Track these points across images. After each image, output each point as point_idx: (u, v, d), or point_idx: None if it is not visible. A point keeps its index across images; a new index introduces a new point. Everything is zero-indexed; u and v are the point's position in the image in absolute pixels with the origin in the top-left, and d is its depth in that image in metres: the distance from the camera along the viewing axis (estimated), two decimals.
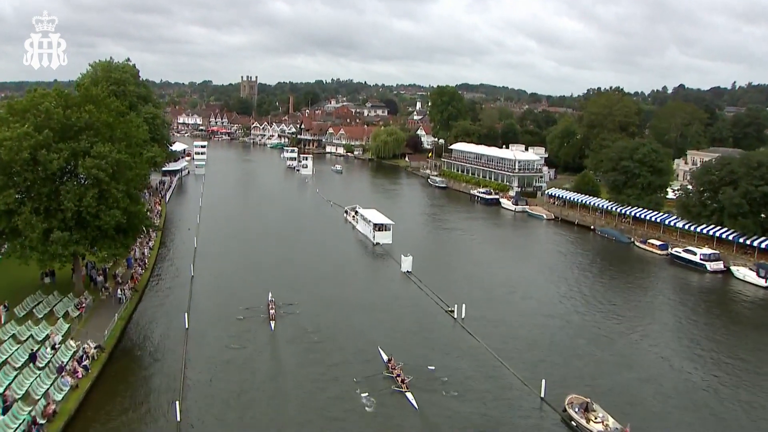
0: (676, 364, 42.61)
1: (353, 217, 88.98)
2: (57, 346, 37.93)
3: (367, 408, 35.20)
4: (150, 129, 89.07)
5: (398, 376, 37.96)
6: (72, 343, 38.43)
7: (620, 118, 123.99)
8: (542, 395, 36.84)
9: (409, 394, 36.44)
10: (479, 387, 38.20)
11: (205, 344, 42.56)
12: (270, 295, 51.90)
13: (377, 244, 75.14)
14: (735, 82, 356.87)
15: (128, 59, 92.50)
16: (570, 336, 47.03)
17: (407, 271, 62.56)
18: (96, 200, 42.79)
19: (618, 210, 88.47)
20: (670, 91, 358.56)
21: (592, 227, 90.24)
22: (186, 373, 37.63)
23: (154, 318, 47.33)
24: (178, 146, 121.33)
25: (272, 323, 46.75)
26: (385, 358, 41.06)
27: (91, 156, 42.75)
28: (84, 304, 45.00)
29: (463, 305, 49.69)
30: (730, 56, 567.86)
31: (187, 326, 44.75)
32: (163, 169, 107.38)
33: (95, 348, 37.98)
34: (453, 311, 50.51)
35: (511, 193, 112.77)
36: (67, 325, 41.73)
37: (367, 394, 36.31)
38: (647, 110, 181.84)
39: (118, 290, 47.82)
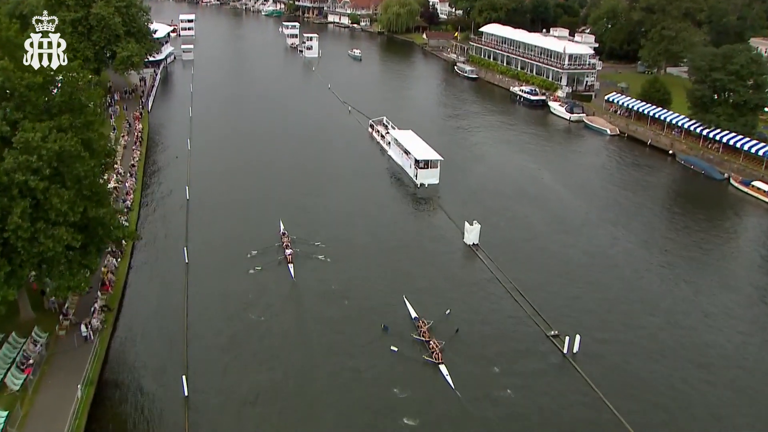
0: None
1: (382, 136, 72.17)
2: None
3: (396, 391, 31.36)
4: (124, 21, 70.38)
5: (429, 341, 34.50)
6: None
7: (688, 3, 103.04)
8: None
9: (443, 367, 32.84)
10: None
11: None
12: (281, 226, 46.97)
13: (421, 185, 59.32)
14: None
15: None
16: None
17: (473, 244, 47.47)
18: (29, 217, 26.64)
19: (703, 132, 71.81)
20: None
21: (670, 152, 74.00)
22: None
23: (135, 377, 31.95)
24: (160, 31, 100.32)
25: (291, 267, 41.97)
26: (414, 315, 37.28)
27: (14, 148, 25.98)
28: (31, 359, 30.09)
29: (577, 336, 35.09)
30: None
31: (186, 393, 30.24)
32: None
33: None
34: (558, 336, 36.19)
35: (560, 93, 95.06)
36: (4, 416, 26.97)
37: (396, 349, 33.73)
38: None
39: (82, 325, 32.71)
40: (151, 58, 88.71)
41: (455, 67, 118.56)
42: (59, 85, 29.96)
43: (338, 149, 70.21)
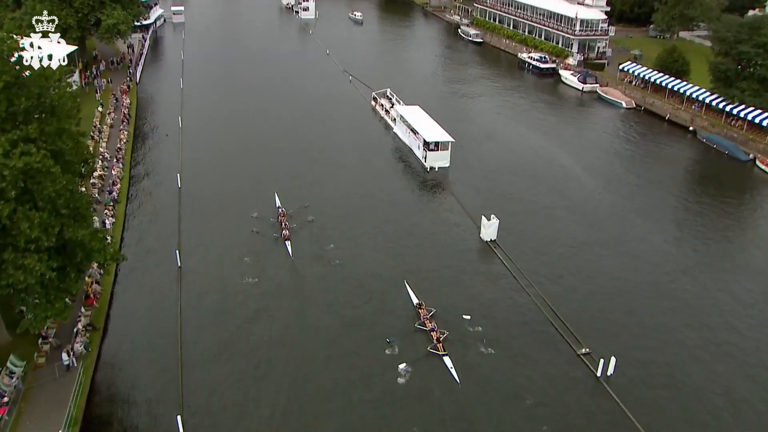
0: None
1: (386, 111, 67.91)
2: None
3: (400, 380, 30.66)
4: None
5: (432, 330, 33.51)
6: None
7: None
8: None
9: (447, 360, 31.83)
10: None
11: None
12: (277, 200, 46.27)
13: (431, 169, 55.42)
14: None
15: None
16: None
17: (491, 241, 43.90)
18: None
19: (726, 108, 67.63)
20: None
21: (690, 128, 69.95)
22: None
23: (124, 412, 28.06)
24: None
25: (288, 244, 41.16)
26: (415, 301, 36.15)
27: None
28: (6, 397, 26.68)
29: (612, 358, 31.81)
30: None
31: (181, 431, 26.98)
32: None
33: None
34: (590, 355, 32.93)
35: (571, 61, 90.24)
36: None
37: (404, 365, 31.39)
38: None
39: (63, 353, 29.19)
40: (139, 23, 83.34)
41: (459, 31, 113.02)
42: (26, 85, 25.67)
43: (338, 124, 65.99)
